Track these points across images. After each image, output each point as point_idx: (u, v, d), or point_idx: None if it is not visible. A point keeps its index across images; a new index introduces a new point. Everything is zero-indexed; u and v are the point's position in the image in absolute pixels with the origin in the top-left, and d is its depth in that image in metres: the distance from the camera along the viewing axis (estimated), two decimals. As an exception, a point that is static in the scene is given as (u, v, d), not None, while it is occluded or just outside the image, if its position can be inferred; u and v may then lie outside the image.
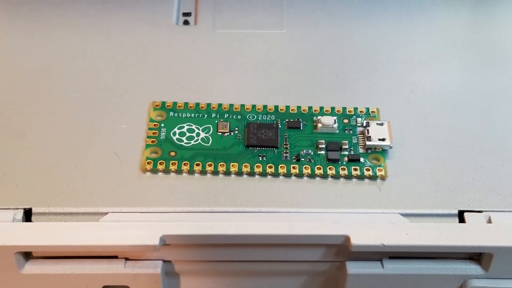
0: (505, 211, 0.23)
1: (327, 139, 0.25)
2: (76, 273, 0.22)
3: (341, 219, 0.22)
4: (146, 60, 0.27)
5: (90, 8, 0.29)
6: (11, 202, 0.23)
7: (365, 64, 0.27)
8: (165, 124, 0.25)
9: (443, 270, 0.22)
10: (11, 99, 0.26)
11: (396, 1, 0.30)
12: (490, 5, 0.30)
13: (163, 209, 0.23)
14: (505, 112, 0.26)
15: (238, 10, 0.29)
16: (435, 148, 0.25)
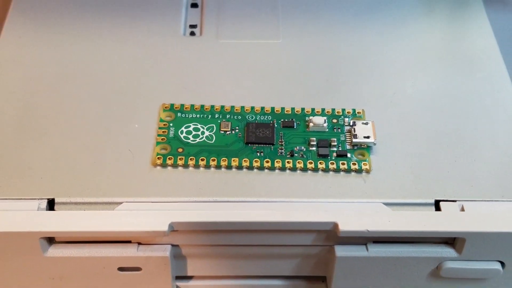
0: (476, 200, 0.23)
1: (318, 137, 0.25)
2: (94, 256, 0.22)
3: (330, 208, 0.23)
4: (157, 66, 0.27)
5: (110, 21, 0.29)
6: (36, 193, 0.23)
7: (352, 70, 0.27)
8: (173, 123, 0.25)
9: (421, 253, 0.22)
10: (38, 101, 0.26)
11: (380, 15, 0.30)
12: (461, 21, 0.30)
13: (172, 199, 0.23)
14: (475, 114, 0.26)
15: (238, 22, 0.29)
16: (414, 145, 0.25)
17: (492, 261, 0.23)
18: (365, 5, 0.30)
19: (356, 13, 0.30)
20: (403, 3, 0.30)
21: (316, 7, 0.30)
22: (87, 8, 0.30)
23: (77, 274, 0.23)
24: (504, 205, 0.23)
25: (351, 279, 0.23)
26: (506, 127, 0.25)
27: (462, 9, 0.30)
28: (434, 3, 0.30)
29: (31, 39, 0.28)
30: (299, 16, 0.30)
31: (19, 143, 0.24)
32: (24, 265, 0.22)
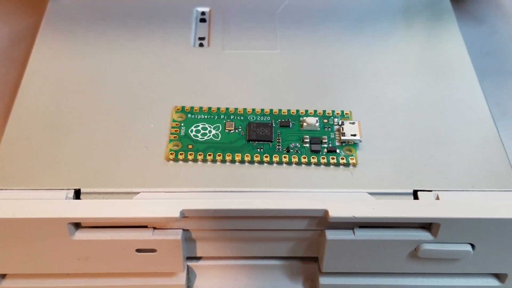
0: (450, 190, 0.23)
1: (311, 135, 0.24)
2: (115, 239, 0.22)
3: (322, 197, 0.22)
4: (170, 73, 0.27)
5: (130, 34, 0.29)
6: (64, 184, 0.23)
7: (341, 77, 0.27)
8: (184, 123, 0.25)
9: (401, 236, 0.22)
10: (67, 104, 0.26)
11: (366, 29, 0.29)
12: (436, 35, 0.29)
13: (183, 189, 0.23)
14: (448, 114, 0.26)
15: (241, 35, 0.29)
16: (395, 142, 0.24)
17: (463, 244, 0.22)
18: (353, 20, 0.30)
19: (345, 27, 0.29)
20: (385, 19, 0.30)
21: (310, 22, 0.30)
22: (109, 23, 0.29)
23: (100, 255, 0.22)
24: (474, 194, 0.23)
25: (340, 260, 0.23)
26: (475, 126, 0.25)
27: (437, 24, 0.30)
28: (413, 19, 0.30)
29: (60, 50, 0.28)
30: (294, 29, 0.29)
31: (50, 141, 0.24)
32: (53, 247, 0.22)
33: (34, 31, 0.35)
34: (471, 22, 0.37)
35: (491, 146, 0.24)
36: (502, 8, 0.38)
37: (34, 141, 0.24)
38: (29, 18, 0.36)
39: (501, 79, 0.34)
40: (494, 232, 0.22)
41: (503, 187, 0.23)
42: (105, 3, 0.30)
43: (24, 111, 0.25)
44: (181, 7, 0.30)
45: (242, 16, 0.30)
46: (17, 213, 0.21)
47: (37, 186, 0.23)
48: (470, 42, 0.34)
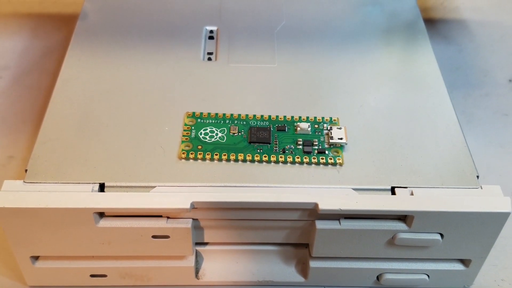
0: (422, 187, 0.22)
1: (304, 138, 0.24)
2: (134, 227, 0.22)
3: (312, 192, 0.22)
4: (182, 84, 0.27)
5: (148, 49, 0.28)
6: (90, 178, 0.22)
7: (330, 87, 0.27)
8: (194, 127, 0.25)
9: (380, 226, 0.22)
10: (93, 109, 0.25)
11: (351, 46, 0.29)
12: (412, 52, 0.29)
13: (193, 184, 0.22)
14: (422, 121, 0.25)
15: (244, 50, 0.29)
16: (376, 144, 0.24)
17: (434, 233, 0.22)
18: (340, 39, 0.29)
19: (333, 45, 0.29)
20: (368, 38, 0.29)
21: (303, 40, 0.29)
22: (130, 39, 0.29)
23: (121, 240, 0.22)
24: (443, 190, 0.22)
25: (328, 246, 0.23)
26: (444, 131, 0.25)
27: (413, 43, 0.29)
28: (392, 38, 0.30)
29: (88, 62, 0.28)
30: (290, 46, 0.29)
31: (78, 141, 0.24)
32: (80, 233, 0.22)
33: (63, 44, 0.35)
34: (442, 41, 0.37)
35: (458, 149, 0.24)
36: (469, 30, 0.38)
37: (64, 141, 0.24)
38: (59, 33, 0.36)
39: (467, 91, 0.33)
40: (460, 223, 0.21)
41: (468, 184, 0.22)
42: (126, 22, 0.30)
43: (56, 115, 0.25)
44: (192, 26, 0.30)
45: (245, 34, 0.30)
46: (50, 203, 0.21)
47: (67, 180, 0.22)
48: (440, 58, 0.33)
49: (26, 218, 0.21)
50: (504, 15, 0.39)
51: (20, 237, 0.22)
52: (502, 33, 0.38)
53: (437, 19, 0.38)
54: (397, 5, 0.31)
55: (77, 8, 0.36)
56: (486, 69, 0.35)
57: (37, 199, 0.21)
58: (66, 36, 0.35)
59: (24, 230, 0.21)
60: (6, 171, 0.27)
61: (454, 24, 0.38)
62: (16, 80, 0.32)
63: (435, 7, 0.39)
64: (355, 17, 0.30)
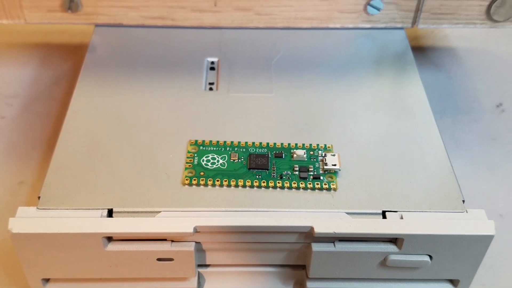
0: (412, 211, 0.23)
1: (300, 164, 0.25)
2: (140, 250, 0.22)
3: (308, 216, 0.23)
4: (186, 113, 0.27)
5: (153, 80, 0.29)
6: (99, 204, 0.23)
7: (324, 116, 0.28)
8: (197, 154, 0.25)
9: (373, 249, 0.23)
10: (101, 136, 0.26)
11: (344, 76, 0.30)
12: (401, 81, 0.30)
13: (196, 209, 0.23)
14: (410, 147, 0.26)
15: (243, 81, 0.30)
16: (368, 170, 0.25)
17: (423, 255, 0.23)
18: (334, 70, 0.30)
19: (327, 75, 0.30)
20: (360, 68, 0.30)
21: (299, 70, 0.30)
22: (136, 70, 0.30)
23: (128, 263, 0.23)
24: (431, 214, 0.23)
25: (324, 267, 0.23)
26: (432, 158, 0.25)
27: (402, 74, 0.30)
28: (382, 69, 0.31)
29: (96, 93, 0.28)
30: (286, 76, 0.30)
31: (88, 168, 0.25)
32: (89, 257, 0.23)
33: (71, 73, 0.36)
34: (432, 68, 0.38)
35: (445, 175, 0.25)
36: (458, 57, 0.39)
37: (75, 169, 0.24)
38: (67, 62, 0.37)
39: (456, 116, 0.34)
40: (447, 245, 0.22)
41: (454, 208, 0.23)
42: (132, 54, 0.31)
43: (67, 144, 0.26)
44: (194, 57, 0.31)
45: (244, 65, 0.30)
46: (62, 228, 0.22)
47: (77, 206, 0.23)
48: (431, 85, 0.35)
49: (39, 243, 0.22)
50: (491, 43, 0.40)
51: (33, 260, 0.23)
52: (489, 61, 0.39)
53: (427, 46, 0.39)
54: (387, 38, 0.32)
55: (83, 39, 0.38)
56: (474, 95, 0.36)
57: (50, 225, 0.22)
58: (73, 65, 0.36)
59: (37, 254, 0.22)
60: (17, 196, 0.28)
61: (444, 52, 0.39)
62: (26, 108, 0.33)
63: (426, 35, 0.40)
64: (348, 49, 0.31)
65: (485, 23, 0.32)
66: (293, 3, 0.31)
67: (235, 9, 0.31)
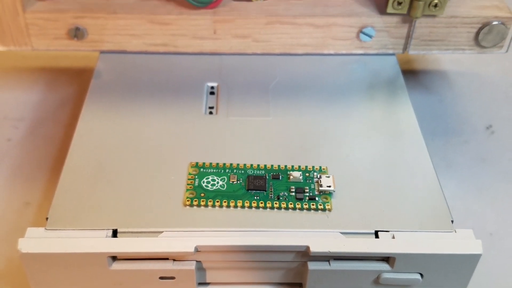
0: (403, 231, 0.24)
1: (296, 185, 0.26)
2: (143, 269, 0.23)
3: (304, 235, 0.24)
4: (186, 136, 0.28)
5: (155, 105, 0.30)
6: (104, 225, 0.24)
7: (319, 139, 0.28)
8: (197, 176, 0.26)
9: (366, 267, 0.24)
10: (106, 160, 0.27)
11: (338, 100, 0.31)
12: (392, 106, 0.31)
13: (197, 229, 0.24)
14: (401, 170, 0.27)
15: (242, 105, 0.30)
16: (361, 192, 0.26)
17: (414, 273, 0.24)
18: (328, 94, 0.31)
19: (322, 99, 0.31)
20: (353, 93, 0.31)
21: (295, 95, 0.31)
22: (139, 95, 0.31)
23: (132, 281, 0.24)
24: (421, 234, 0.24)
25: (319, 285, 0.24)
26: (422, 180, 0.26)
27: (393, 98, 0.31)
28: (374, 94, 0.32)
29: (101, 118, 0.29)
30: (283, 101, 0.31)
31: (93, 190, 0.26)
32: (95, 275, 0.23)
33: (76, 97, 0.37)
34: (423, 91, 0.38)
35: (434, 195, 0.25)
36: (448, 80, 0.40)
37: (81, 191, 0.25)
38: (72, 86, 0.38)
39: (447, 137, 0.35)
40: (437, 264, 0.23)
41: (443, 228, 0.24)
42: (135, 80, 0.32)
43: (73, 167, 0.27)
44: (195, 82, 0.32)
45: (242, 90, 0.31)
46: (69, 248, 0.22)
47: (83, 226, 0.24)
48: (422, 107, 0.36)
49: (47, 262, 0.23)
50: (481, 66, 0.41)
51: (41, 278, 0.23)
52: (479, 83, 0.40)
53: (419, 70, 0.40)
54: (379, 63, 0.33)
55: (88, 63, 0.38)
56: (465, 117, 0.37)
57: (57, 245, 0.22)
58: (78, 89, 0.37)
59: (44, 273, 0.23)
60: (23, 216, 0.29)
61: (435, 75, 0.40)
62: (32, 131, 0.34)
63: (417, 59, 0.41)
64: (341, 74, 0.33)
65: (474, 49, 0.33)
66: (289, 31, 0.33)
67: (234, 36, 0.33)
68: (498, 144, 0.35)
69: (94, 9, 0.32)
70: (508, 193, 0.32)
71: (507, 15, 0.32)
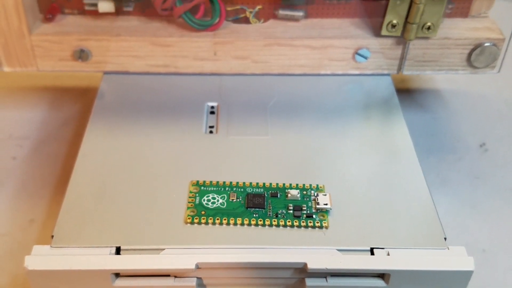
0: (398, 248, 0.25)
1: (294, 203, 0.26)
2: (146, 285, 0.24)
3: (302, 252, 0.24)
4: (188, 155, 0.29)
5: (157, 124, 0.31)
6: (108, 242, 0.24)
7: (316, 158, 0.29)
8: (198, 194, 0.27)
9: (362, 283, 0.24)
10: (110, 178, 0.27)
11: (335, 120, 0.32)
12: (387, 124, 0.32)
13: (198, 246, 0.25)
14: (395, 188, 0.27)
15: (241, 124, 0.31)
16: (357, 210, 0.26)
17: None
18: (325, 114, 0.32)
19: (319, 118, 0.32)
20: (349, 112, 0.32)
21: (292, 114, 0.32)
22: (141, 115, 0.32)
23: None
24: (415, 251, 0.24)
25: None
26: (416, 197, 0.27)
27: (388, 117, 0.32)
28: (370, 113, 0.32)
29: (105, 136, 0.30)
30: (281, 120, 0.32)
31: (97, 208, 0.26)
32: None
33: (79, 115, 0.37)
34: (418, 110, 0.39)
35: (427, 213, 0.26)
36: (442, 98, 0.41)
37: (85, 209, 0.26)
38: (75, 104, 0.38)
39: (441, 155, 0.36)
40: (430, 280, 0.24)
41: (436, 245, 0.25)
42: (137, 100, 0.33)
43: (77, 186, 0.27)
44: (195, 102, 0.32)
45: (242, 109, 0.32)
46: (74, 265, 0.23)
47: (88, 244, 0.24)
48: (417, 125, 0.37)
49: (53, 278, 0.23)
50: (475, 85, 0.42)
51: None
52: (473, 102, 0.40)
53: (413, 89, 0.41)
54: (374, 83, 0.34)
55: (90, 82, 0.40)
56: (459, 135, 0.37)
57: (63, 262, 0.23)
58: (81, 107, 0.38)
59: None
60: (28, 233, 0.30)
61: (429, 93, 0.41)
62: (36, 149, 0.35)
63: (412, 77, 0.42)
64: (337, 94, 0.33)
65: (466, 69, 0.34)
66: (287, 52, 0.34)
67: (234, 57, 0.34)
68: (491, 161, 0.36)
69: (98, 31, 0.33)
70: (501, 210, 0.33)
71: (499, 37, 0.33)
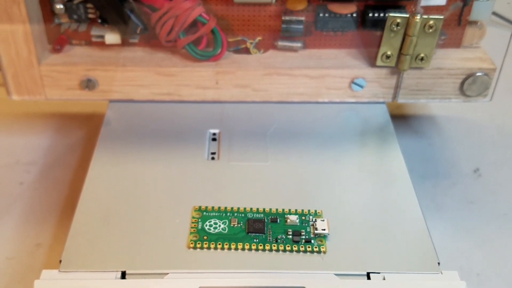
0: (393, 272, 0.25)
1: (293, 229, 0.27)
2: None
3: (301, 276, 0.25)
4: (190, 181, 0.30)
5: (160, 152, 0.32)
6: (113, 267, 0.25)
7: (315, 184, 0.30)
8: (201, 219, 0.28)
9: None
10: (115, 205, 0.28)
11: (332, 147, 0.32)
12: (383, 151, 0.33)
13: (200, 270, 0.25)
14: (391, 214, 0.28)
15: (242, 150, 0.32)
16: (354, 235, 0.27)
17: None
18: (323, 141, 0.33)
19: (317, 145, 0.33)
20: (346, 139, 0.33)
21: (291, 141, 0.33)
22: (146, 142, 0.33)
23: None
24: (410, 275, 0.25)
25: None
26: (410, 223, 0.28)
27: (383, 145, 0.33)
28: (365, 140, 0.33)
29: (111, 162, 0.31)
30: (280, 146, 0.33)
31: (103, 234, 0.27)
32: None
33: (85, 141, 0.38)
34: (413, 135, 0.40)
35: (421, 238, 0.27)
36: (437, 124, 0.41)
37: (92, 234, 0.27)
38: (81, 130, 0.39)
39: (436, 180, 0.36)
40: None
41: (430, 270, 0.25)
42: (142, 128, 0.34)
43: (84, 211, 0.28)
44: (198, 129, 0.33)
45: (242, 136, 0.33)
46: None
47: (94, 268, 0.25)
48: (412, 151, 0.37)
49: None
50: (468, 112, 0.43)
51: None
52: (467, 128, 0.41)
53: (409, 115, 0.42)
54: (370, 111, 0.35)
55: (96, 109, 0.41)
56: (453, 160, 0.38)
57: (71, 286, 0.24)
58: (87, 133, 0.39)
59: None
60: (35, 258, 0.31)
61: (424, 120, 0.42)
62: (43, 174, 0.36)
63: (407, 104, 0.43)
64: (335, 121, 0.35)
65: (459, 98, 0.36)
66: (286, 81, 0.35)
67: (235, 86, 0.35)
68: (485, 187, 0.36)
69: (105, 62, 0.34)
70: (494, 235, 0.33)
71: (490, 67, 0.34)
